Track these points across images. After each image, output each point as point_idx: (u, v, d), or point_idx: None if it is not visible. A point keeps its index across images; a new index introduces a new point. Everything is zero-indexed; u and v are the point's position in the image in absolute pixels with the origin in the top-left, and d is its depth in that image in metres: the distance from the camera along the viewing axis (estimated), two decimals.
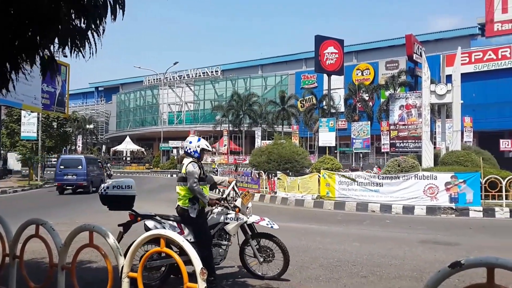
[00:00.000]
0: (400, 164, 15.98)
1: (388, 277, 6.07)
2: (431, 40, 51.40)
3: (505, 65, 43.02)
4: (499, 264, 2.44)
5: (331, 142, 37.10)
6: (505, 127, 42.35)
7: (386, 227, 11.78)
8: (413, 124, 36.00)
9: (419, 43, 39.29)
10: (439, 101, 19.60)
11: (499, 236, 10.37)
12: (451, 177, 14.39)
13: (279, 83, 62.80)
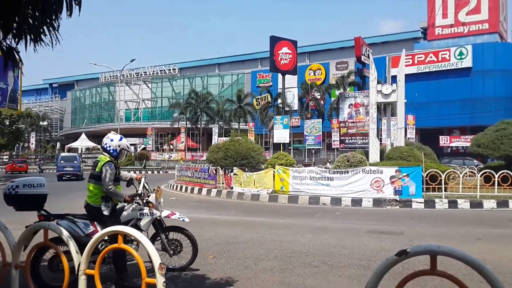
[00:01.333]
0: (349, 159, 16.30)
1: (338, 266, 6.20)
2: (378, 42, 52.85)
3: (445, 66, 44.76)
4: (440, 251, 2.55)
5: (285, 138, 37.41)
6: (444, 124, 44.12)
7: (337, 219, 12.02)
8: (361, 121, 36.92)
9: (367, 45, 40.31)
10: (385, 100, 20.11)
11: (439, 225, 10.79)
12: (396, 171, 14.85)
13: (236, 81, 62.75)
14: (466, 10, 46.29)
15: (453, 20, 47.05)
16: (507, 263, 6.22)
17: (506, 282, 5.05)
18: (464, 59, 43.62)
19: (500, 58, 43.04)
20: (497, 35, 45.82)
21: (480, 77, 43.16)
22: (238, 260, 6.56)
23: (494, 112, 38.21)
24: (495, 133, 19.31)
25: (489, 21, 45.51)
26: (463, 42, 45.60)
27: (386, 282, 4.45)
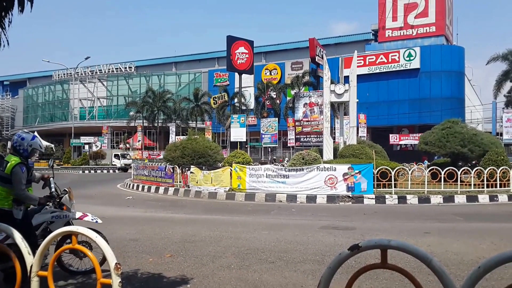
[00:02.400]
0: (304, 157, 16.50)
1: (293, 261, 6.25)
2: (331, 44, 53.78)
3: (394, 68, 46.16)
4: (391, 245, 2.61)
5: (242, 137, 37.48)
6: (393, 123, 45.53)
7: (292, 215, 12.14)
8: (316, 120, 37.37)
9: (321, 46, 40.92)
10: (338, 100, 20.50)
11: (389, 220, 11.11)
12: (348, 168, 15.17)
13: (193, 80, 62.21)
14: (415, 13, 47.90)
15: (403, 23, 48.59)
16: (453, 256, 6.47)
17: (452, 274, 5.25)
18: (412, 61, 45.13)
19: (446, 60, 44.84)
20: (443, 38, 47.71)
21: (427, 78, 44.81)
22: (195, 258, 6.49)
23: (441, 112, 39.83)
24: (441, 131, 20.11)
25: (436, 24, 47.30)
26: (412, 44, 47.16)
27: (340, 276, 4.53)
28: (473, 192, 15.47)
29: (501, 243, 7.40)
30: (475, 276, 2.39)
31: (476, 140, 19.19)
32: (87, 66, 63.86)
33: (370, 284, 5.03)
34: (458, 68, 45.40)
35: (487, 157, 17.17)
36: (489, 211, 12.82)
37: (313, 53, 39.14)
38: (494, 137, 24.65)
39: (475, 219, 11.08)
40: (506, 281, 4.90)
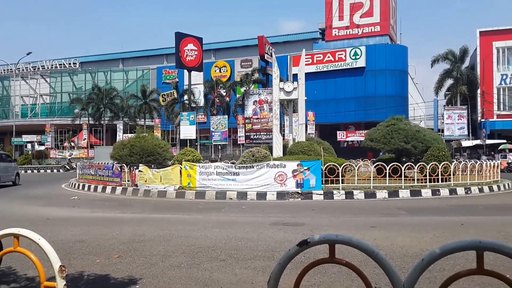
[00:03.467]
0: (254, 154, 16.56)
1: (244, 258, 6.25)
2: (280, 42, 54.31)
3: (341, 66, 47.30)
4: (338, 240, 2.65)
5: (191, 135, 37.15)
6: (340, 120, 46.67)
7: (243, 212, 12.16)
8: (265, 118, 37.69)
9: (270, 44, 41.21)
10: (287, 97, 20.72)
11: (337, 215, 11.37)
12: (297, 165, 15.38)
13: (141, 77, 60.92)
14: (360, 13, 49.29)
15: (349, 22, 49.86)
16: (398, 249, 6.71)
17: (397, 266, 5.44)
18: (358, 59, 46.43)
19: (390, 59, 46.47)
20: (388, 37, 49.39)
21: (372, 76, 46.26)
22: (144, 258, 6.35)
23: (385, 109, 41.22)
24: (386, 128, 20.82)
25: (380, 24, 48.88)
26: (358, 43, 48.51)
27: (290, 271, 4.57)
28: (416, 186, 16.13)
29: (443, 235, 7.75)
30: (419, 268, 2.47)
31: (419, 136, 20.01)
32: (29, 62, 61.05)
33: (319, 279, 5.12)
34: (401, 67, 47.18)
35: (429, 153, 17.95)
36: (432, 205, 13.41)
37: (262, 51, 39.36)
38: (436, 134, 25.86)
39: (418, 213, 11.54)
40: (448, 272, 5.13)
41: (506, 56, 42.71)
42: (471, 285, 4.73)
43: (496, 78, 42.13)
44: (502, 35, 41.95)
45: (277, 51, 41.25)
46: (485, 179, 18.22)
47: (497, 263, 5.26)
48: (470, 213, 11.25)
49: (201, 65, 44.07)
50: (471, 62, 45.34)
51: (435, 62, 44.01)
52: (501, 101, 42.26)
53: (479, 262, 2.40)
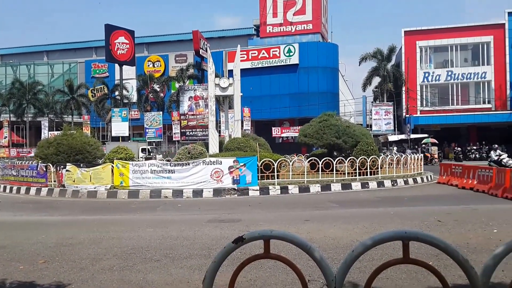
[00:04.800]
0: (190, 151, 16.42)
1: (180, 257, 6.18)
2: (215, 37, 54.03)
3: (275, 63, 47.94)
4: (273, 235, 2.68)
5: (124, 132, 36.13)
6: (275, 116, 47.35)
7: (178, 211, 12.02)
8: (201, 114, 37.53)
9: (205, 39, 40.92)
10: (223, 94, 20.70)
11: (273, 210, 11.55)
12: (234, 161, 15.45)
13: (68, 71, 58.16)
14: (293, 10, 50.19)
15: (282, 20, 50.61)
16: (330, 241, 6.94)
17: (329, 258, 5.63)
18: (292, 56, 47.28)
19: (322, 56, 47.76)
20: (320, 35, 50.72)
21: (305, 73, 47.31)
22: (73, 262, 6.08)
23: (318, 105, 42.35)
24: (318, 124, 21.42)
25: (313, 22, 50.08)
26: (291, 40, 49.38)
27: (226, 268, 4.58)
28: (347, 180, 16.77)
29: (372, 226, 8.12)
30: (350, 259, 2.56)
31: (349, 131, 20.77)
32: None
33: (255, 274, 5.18)
34: (332, 65, 48.66)
35: (358, 148, 18.71)
36: (361, 197, 14.00)
37: (197, 46, 38.99)
38: (365, 129, 26.96)
39: (349, 205, 12.00)
40: (377, 261, 5.38)
41: (428, 55, 45.32)
42: (398, 273, 5.00)
43: (419, 76, 44.61)
44: (425, 35, 44.46)
45: (212, 47, 41.02)
46: (409, 171, 19.31)
47: (421, 252, 5.60)
48: (397, 204, 11.87)
49: (134, 59, 42.87)
50: (397, 60, 47.66)
51: (363, 60, 45.83)
52: (424, 98, 44.83)
53: (405, 251, 2.54)
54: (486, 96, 43.27)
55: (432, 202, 12.17)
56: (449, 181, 17.21)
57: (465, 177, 15.89)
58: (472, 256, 5.58)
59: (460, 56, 44.48)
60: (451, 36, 43.73)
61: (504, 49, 42.42)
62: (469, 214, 9.46)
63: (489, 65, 42.98)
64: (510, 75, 42.32)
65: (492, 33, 42.81)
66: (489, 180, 13.94)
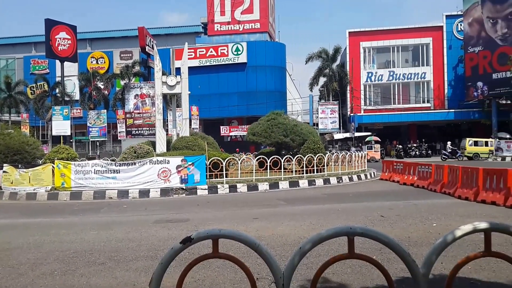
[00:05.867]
0: (136, 150, 16.07)
1: (125, 260, 6.03)
2: (162, 34, 53.11)
3: (224, 61, 47.82)
4: (222, 234, 2.67)
5: (66, 131, 34.90)
6: (224, 115, 47.27)
7: (124, 212, 11.72)
8: (148, 112, 36.86)
9: (151, 36, 40.18)
10: (170, 92, 20.39)
11: (222, 209, 11.52)
12: (182, 160, 15.27)
13: (5, 67, 55.10)
14: (241, 9, 50.24)
15: (230, 18, 50.53)
16: (278, 238, 7.01)
17: (277, 255, 5.68)
18: (240, 55, 47.36)
19: (270, 56, 48.18)
20: (267, 35, 51.10)
21: (254, 72, 47.55)
22: (11, 268, 5.78)
23: (266, 104, 42.71)
24: (266, 122, 21.59)
25: (260, 21, 50.36)
26: (239, 39, 49.44)
27: (174, 269, 4.52)
28: (294, 178, 17.03)
29: (319, 222, 8.28)
30: (297, 256, 2.59)
31: (297, 130, 21.11)
32: None
33: (204, 274, 5.13)
34: (280, 64, 49.21)
35: (305, 146, 19.04)
36: (308, 195, 14.25)
37: (143, 43, 38.19)
38: (312, 127, 27.51)
39: (296, 203, 12.17)
40: (323, 257, 5.49)
41: (371, 56, 46.89)
42: (344, 268, 5.12)
43: (363, 75, 46.06)
44: (368, 36, 45.96)
45: (159, 44, 40.30)
46: (354, 168, 19.92)
47: (366, 246, 5.78)
48: (342, 201, 12.19)
49: (76, 56, 41.42)
50: (342, 60, 48.92)
51: (310, 60, 46.70)
52: (367, 97, 46.35)
53: (350, 246, 2.60)
54: (426, 95, 45.34)
55: (375, 198, 12.59)
56: (391, 177, 17.88)
57: (406, 174, 16.57)
58: (413, 249, 5.81)
59: (401, 57, 46.35)
60: (393, 37, 45.49)
61: (442, 51, 44.63)
62: (410, 209, 9.87)
63: (428, 65, 45.07)
64: (448, 75, 44.61)
65: (431, 35, 44.93)
66: (429, 176, 14.61)
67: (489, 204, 10.16)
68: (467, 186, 11.59)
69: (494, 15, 38.51)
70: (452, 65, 44.39)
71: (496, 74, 38.44)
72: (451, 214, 8.85)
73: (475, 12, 40.28)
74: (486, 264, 5.04)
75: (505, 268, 4.82)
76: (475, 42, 40.42)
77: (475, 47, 40.41)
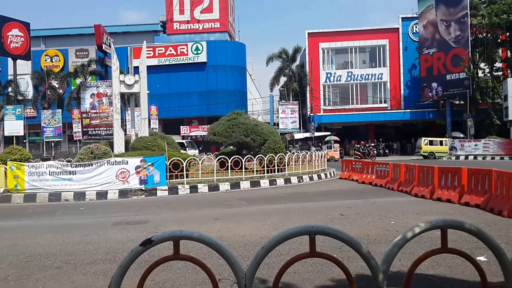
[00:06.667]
0: (93, 151, 15.67)
1: (82, 263, 5.86)
2: (119, 32, 52.04)
3: (183, 60, 47.35)
4: (183, 236, 2.63)
5: (19, 131, 33.64)
6: (184, 115, 46.84)
7: (81, 214, 11.40)
8: (105, 112, 35.99)
9: (108, 34, 39.25)
10: (128, 91, 20.02)
11: (182, 210, 11.41)
12: (141, 161, 15.01)
13: None
14: (200, 8, 49.95)
15: (189, 17, 50.13)
16: (240, 238, 7.01)
17: (239, 256, 5.68)
18: (200, 54, 47.04)
19: (230, 55, 48.12)
20: (227, 34, 51.03)
21: (214, 71, 47.36)
22: None
23: (227, 104, 42.63)
24: (227, 122, 21.56)
25: (220, 21, 50.23)
26: (199, 38, 49.13)
27: (133, 272, 4.44)
28: (255, 178, 17.09)
29: (280, 222, 8.34)
30: (259, 256, 2.60)
31: (258, 130, 21.18)
32: None
33: (164, 276, 5.07)
34: (240, 63, 49.24)
35: (266, 145, 19.14)
36: (269, 194, 14.34)
37: (100, 41, 37.22)
38: (272, 127, 27.70)
39: (258, 203, 12.21)
40: (285, 256, 5.54)
41: (330, 57, 47.69)
42: (305, 267, 5.18)
43: (322, 76, 46.75)
44: (327, 37, 46.68)
45: (116, 42, 39.45)
46: (314, 168, 20.21)
47: (326, 245, 5.87)
48: (303, 200, 12.34)
49: (29, 53, 39.95)
50: (302, 60, 49.50)
51: (270, 60, 47.03)
52: (327, 97, 47.11)
53: (311, 245, 2.63)
54: (383, 96, 46.55)
55: (335, 197, 12.82)
56: (350, 176, 18.25)
57: (365, 173, 16.96)
58: (372, 247, 5.95)
59: (359, 58, 47.37)
60: (351, 39, 46.42)
61: (398, 52, 45.93)
62: (369, 207, 10.11)
63: (385, 66, 46.28)
64: (404, 76, 45.96)
65: (388, 36, 46.17)
66: (386, 175, 15.01)
67: (444, 201, 10.54)
68: (423, 185, 11.99)
69: (448, 18, 39.99)
70: (408, 66, 45.75)
71: (449, 75, 39.94)
72: (408, 212, 9.13)
73: (429, 14, 41.72)
74: (443, 260, 5.23)
75: (460, 264, 5.02)
76: (429, 44, 41.85)
77: (429, 49, 41.84)
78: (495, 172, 9.21)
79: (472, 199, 9.73)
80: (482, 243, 2.69)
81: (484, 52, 38.78)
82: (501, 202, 8.66)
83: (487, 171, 9.63)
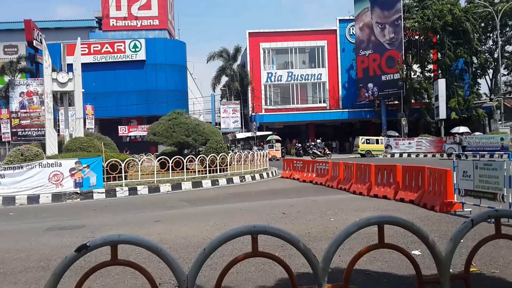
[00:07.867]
0: (24, 153, 14.90)
1: (13, 272, 5.55)
2: (52, 28, 49.70)
3: (121, 58, 45.99)
4: (121, 240, 2.56)
5: None
6: (122, 114, 45.56)
7: (10, 220, 10.79)
8: (36, 111, 34.40)
9: (39, 30, 37.44)
10: (62, 89, 19.18)
11: (121, 213, 11.09)
12: (75, 163, 14.44)
13: None
14: (138, 5, 48.81)
15: (127, 13, 48.84)
16: (181, 240, 6.92)
17: (181, 258, 5.60)
18: (138, 52, 45.93)
19: (170, 53, 47.38)
20: (167, 32, 50.23)
21: (153, 70, 46.44)
22: None
23: (167, 103, 41.93)
24: (168, 122, 21.25)
25: (159, 18, 49.33)
26: (137, 35, 47.95)
27: (68, 279, 4.26)
28: (197, 178, 16.97)
29: (222, 222, 8.33)
30: (201, 258, 2.57)
31: (199, 130, 21.05)
32: None
33: (102, 282, 4.90)
34: (181, 62, 48.63)
35: (208, 145, 19.07)
36: (212, 195, 14.28)
37: (30, 37, 35.40)
38: (214, 127, 27.61)
39: (200, 203, 12.13)
40: (227, 257, 5.54)
41: (271, 57, 48.28)
42: (247, 267, 5.21)
43: (263, 76, 47.22)
44: (268, 37, 47.20)
45: (49, 38, 37.61)
46: (256, 167, 20.37)
47: (268, 244, 5.92)
48: (245, 199, 12.40)
49: None
50: (243, 60, 49.72)
51: (211, 59, 46.89)
52: (268, 97, 47.65)
53: (254, 244, 2.64)
54: (322, 96, 47.74)
55: (277, 196, 12.98)
56: (291, 175, 18.57)
57: (306, 171, 17.32)
58: (313, 244, 6.08)
59: (299, 58, 48.30)
60: (291, 39, 47.22)
61: (336, 53, 47.31)
62: (309, 205, 10.33)
63: (324, 67, 47.50)
64: (342, 77, 47.39)
65: (326, 38, 47.41)
66: (326, 173, 15.41)
67: (381, 198, 10.98)
68: (361, 182, 12.43)
69: (383, 20, 41.71)
70: (345, 67, 47.22)
71: (384, 76, 41.69)
72: (347, 209, 9.42)
73: (365, 17, 43.31)
74: (380, 255, 5.43)
75: (397, 259, 5.25)
76: (365, 46, 43.45)
77: (365, 50, 43.45)
78: (427, 169, 9.71)
79: (406, 195, 10.21)
80: (416, 238, 2.82)
81: (417, 54, 40.81)
82: (433, 198, 9.15)
83: (420, 168, 10.13)
